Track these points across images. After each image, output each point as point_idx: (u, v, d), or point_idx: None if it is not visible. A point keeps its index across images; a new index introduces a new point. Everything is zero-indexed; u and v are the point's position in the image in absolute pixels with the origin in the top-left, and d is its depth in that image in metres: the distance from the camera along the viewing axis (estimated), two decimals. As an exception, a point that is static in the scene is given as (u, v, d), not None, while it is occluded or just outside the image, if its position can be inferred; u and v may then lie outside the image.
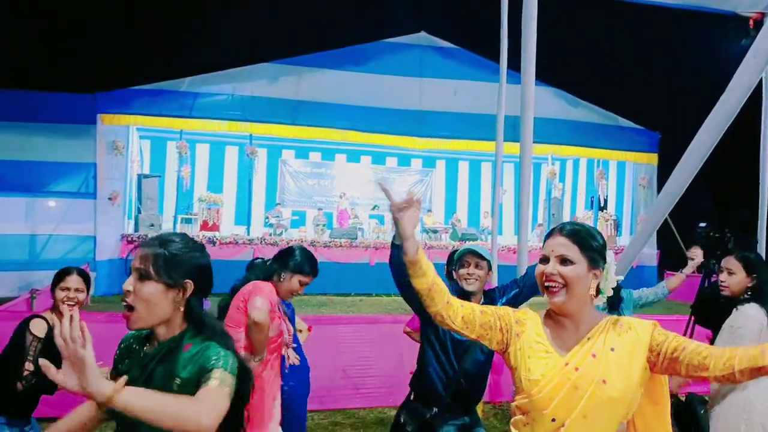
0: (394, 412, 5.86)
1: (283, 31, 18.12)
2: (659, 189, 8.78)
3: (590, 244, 1.84)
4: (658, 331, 1.77)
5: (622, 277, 1.93)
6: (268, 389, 3.26)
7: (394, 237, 2.79)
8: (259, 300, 3.13)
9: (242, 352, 3.09)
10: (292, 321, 3.74)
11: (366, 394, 5.84)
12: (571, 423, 1.74)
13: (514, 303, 3.18)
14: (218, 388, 1.62)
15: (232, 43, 17.79)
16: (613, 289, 1.88)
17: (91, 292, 3.29)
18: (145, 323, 1.75)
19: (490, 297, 3.25)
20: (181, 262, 1.77)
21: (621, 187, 17.60)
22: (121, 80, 13.93)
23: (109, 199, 13.14)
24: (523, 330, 1.89)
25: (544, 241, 1.90)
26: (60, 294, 3.19)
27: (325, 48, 14.98)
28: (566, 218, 17.57)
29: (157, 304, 1.73)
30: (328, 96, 14.55)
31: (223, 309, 3.28)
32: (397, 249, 2.92)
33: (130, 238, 13.19)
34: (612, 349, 1.76)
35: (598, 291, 1.86)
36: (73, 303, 3.19)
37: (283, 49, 14.96)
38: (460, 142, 15.60)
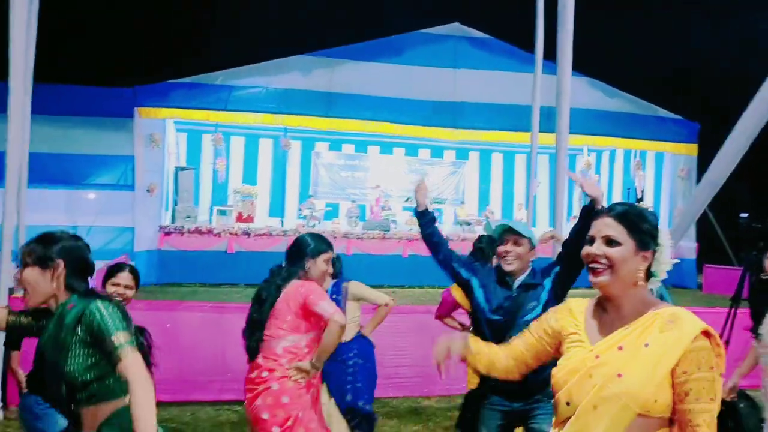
0: (427, 402, 5.94)
1: (316, 23, 18.20)
2: (698, 181, 8.61)
3: (639, 226, 1.78)
4: (697, 354, 1.64)
5: (678, 260, 1.87)
6: (316, 394, 3.30)
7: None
8: (328, 304, 3.15)
9: (304, 361, 3.13)
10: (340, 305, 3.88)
11: (399, 384, 5.88)
12: (582, 410, 1.72)
13: (565, 279, 3.10)
14: (132, 359, 2.12)
15: (266, 35, 17.93)
16: None
17: None
18: (36, 299, 2.29)
19: (536, 276, 3.16)
20: (49, 248, 2.29)
21: (659, 179, 17.27)
22: (159, 74, 14.16)
23: (147, 191, 13.37)
24: (564, 329, 1.90)
25: (593, 221, 1.87)
26: (110, 288, 3.27)
27: (358, 40, 14.99)
28: (602, 210, 17.31)
29: (38, 283, 2.26)
30: (361, 88, 14.56)
31: (257, 323, 3.25)
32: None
33: (167, 230, 13.43)
34: (646, 345, 1.69)
35: (648, 274, 1.81)
36: (121, 299, 3.26)
37: (316, 41, 15.02)
38: (494, 133, 15.48)
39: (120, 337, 2.14)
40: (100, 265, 3.95)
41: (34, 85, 6.53)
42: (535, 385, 3.02)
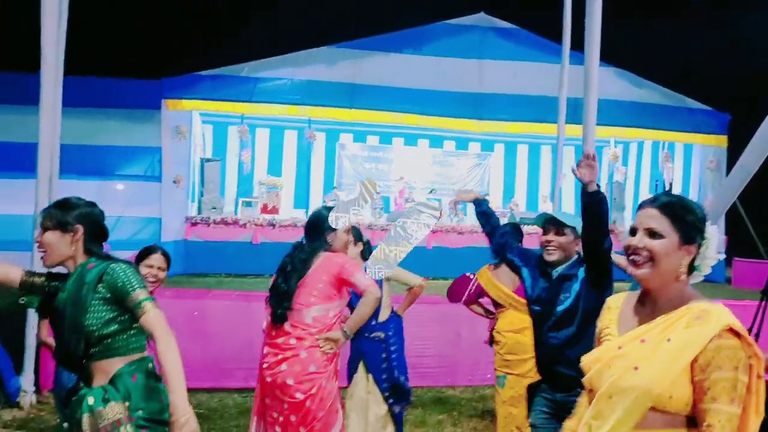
0: (451, 392, 5.95)
1: (341, 14, 18.18)
2: (728, 173, 8.44)
3: (684, 218, 1.73)
4: (719, 353, 1.58)
5: (723, 256, 1.82)
6: (338, 365, 3.38)
7: None
8: (363, 276, 3.22)
9: (334, 331, 3.22)
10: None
11: (423, 374, 5.90)
12: (598, 398, 1.73)
13: (590, 269, 3.04)
14: (155, 313, 2.32)
15: (291, 27, 17.97)
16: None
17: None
18: (53, 260, 2.47)
19: (574, 267, 3.11)
20: (69, 214, 2.47)
21: (687, 171, 16.99)
22: (185, 66, 14.28)
23: (174, 182, 13.52)
24: (602, 327, 1.89)
25: (636, 212, 1.82)
26: (144, 270, 3.34)
27: (383, 31, 14.95)
28: (629, 203, 17.14)
29: (57, 246, 2.44)
30: (386, 79, 14.54)
31: (284, 294, 3.29)
32: None
33: (193, 221, 13.59)
34: (668, 340, 1.65)
35: (691, 268, 1.75)
36: (154, 280, 3.34)
37: (341, 33, 15.02)
38: (519, 124, 15.35)
39: (141, 294, 2.35)
40: (128, 255, 4.02)
41: (64, 78, 6.63)
42: (570, 380, 3.00)
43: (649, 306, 1.78)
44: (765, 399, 1.65)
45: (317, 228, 3.40)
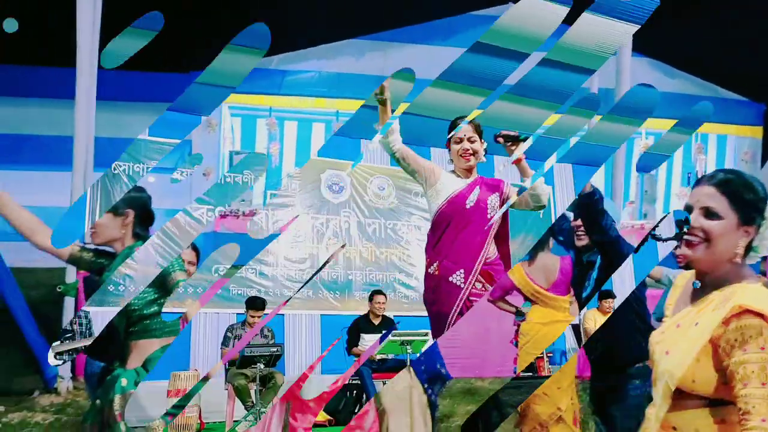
0: (479, 383, 5.96)
1: (368, 6, 18.14)
2: (763, 164, 8.26)
3: (743, 197, 1.62)
4: (741, 333, 1.50)
5: None
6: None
7: None
8: None
9: None
10: None
11: (450, 364, 5.91)
12: (653, 383, 1.72)
13: (604, 267, 3.09)
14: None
15: (319, 20, 17.99)
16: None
17: None
18: (102, 239, 2.71)
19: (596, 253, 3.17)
20: (121, 198, 2.67)
21: (721, 163, 16.64)
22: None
23: (204, 174, 13.67)
24: (665, 309, 1.85)
25: (692, 189, 1.73)
26: None
27: (410, 23, 14.88)
28: (660, 195, 16.87)
29: (108, 227, 2.69)
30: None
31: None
32: None
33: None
34: (696, 324, 1.61)
35: (748, 249, 1.66)
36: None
37: (368, 25, 14.98)
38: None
39: (180, 275, 2.59)
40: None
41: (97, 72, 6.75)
42: (599, 368, 3.01)
43: (700, 288, 1.71)
44: None
45: None
